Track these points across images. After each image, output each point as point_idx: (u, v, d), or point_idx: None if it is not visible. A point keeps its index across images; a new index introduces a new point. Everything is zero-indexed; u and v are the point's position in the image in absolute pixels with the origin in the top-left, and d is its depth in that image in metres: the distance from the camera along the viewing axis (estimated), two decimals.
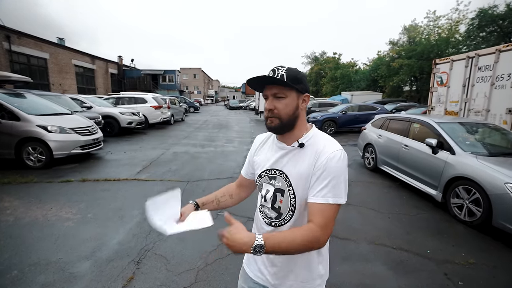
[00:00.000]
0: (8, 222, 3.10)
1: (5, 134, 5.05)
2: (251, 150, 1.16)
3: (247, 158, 1.19)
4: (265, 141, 1.11)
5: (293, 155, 0.96)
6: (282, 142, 1.00)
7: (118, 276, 2.26)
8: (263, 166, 1.03)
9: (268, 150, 1.06)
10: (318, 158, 0.90)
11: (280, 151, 1.00)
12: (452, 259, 2.65)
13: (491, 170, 3.21)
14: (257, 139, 1.16)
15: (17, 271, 2.26)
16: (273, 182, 1.00)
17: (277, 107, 0.92)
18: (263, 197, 1.03)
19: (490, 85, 5.93)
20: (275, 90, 0.92)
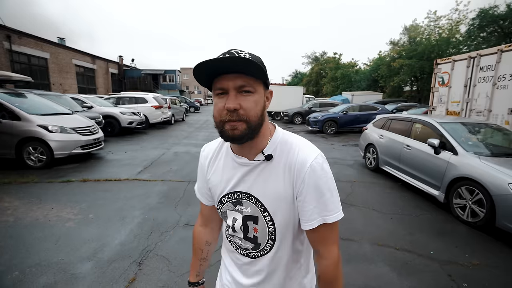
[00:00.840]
0: (9, 223, 3.08)
1: (6, 134, 5.03)
2: (202, 169, 0.88)
3: (200, 180, 0.89)
4: (215, 154, 0.84)
5: (260, 171, 0.74)
6: (241, 156, 0.76)
7: (119, 277, 2.24)
8: (222, 190, 0.80)
9: (223, 167, 0.81)
10: (297, 174, 0.71)
11: (241, 168, 0.76)
12: (455, 260, 2.63)
13: (494, 170, 3.19)
14: (204, 154, 0.88)
15: (18, 272, 2.24)
16: (239, 208, 0.79)
17: (243, 106, 0.66)
18: (230, 227, 0.82)
19: (492, 85, 5.91)
20: (241, 81, 0.65)
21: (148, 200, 3.88)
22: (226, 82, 0.66)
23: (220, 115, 0.67)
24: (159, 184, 4.57)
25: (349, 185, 4.82)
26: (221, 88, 0.67)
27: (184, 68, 51.17)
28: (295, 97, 17.95)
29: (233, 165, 0.78)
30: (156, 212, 3.48)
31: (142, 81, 29.05)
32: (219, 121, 0.68)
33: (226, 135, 0.69)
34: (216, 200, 0.83)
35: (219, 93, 0.68)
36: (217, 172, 0.82)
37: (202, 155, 0.89)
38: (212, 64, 0.63)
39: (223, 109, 0.66)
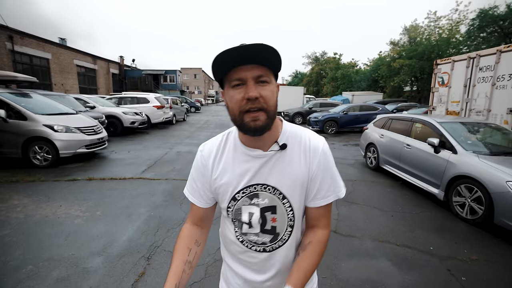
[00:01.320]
0: (19, 219, 3.16)
1: (12, 134, 5.11)
2: (203, 171, 0.83)
3: (197, 182, 0.85)
4: (220, 152, 0.82)
5: (275, 161, 0.77)
6: (255, 148, 0.77)
7: (129, 271, 2.32)
8: (235, 186, 0.79)
9: (233, 163, 0.79)
10: (313, 158, 0.78)
11: (257, 160, 0.77)
12: (455, 256, 2.71)
13: (492, 169, 3.27)
14: (205, 153, 0.84)
15: (32, 266, 2.32)
16: (255, 201, 0.79)
17: (263, 95, 0.67)
18: (245, 223, 0.81)
19: (491, 86, 5.99)
20: (258, 71, 0.67)
21: (153, 198, 3.96)
22: (244, 73, 0.66)
23: (239, 106, 0.68)
24: (163, 183, 4.65)
25: (350, 184, 4.90)
26: (239, 79, 0.67)
27: (184, 68, 51.28)
28: (295, 97, 18.04)
29: (245, 159, 0.78)
30: (161, 210, 3.56)
31: (143, 81, 29.13)
32: (238, 112, 0.69)
33: (248, 127, 0.70)
34: (227, 198, 0.80)
35: (235, 85, 0.68)
36: (227, 169, 0.79)
37: (201, 154, 0.84)
38: (234, 52, 0.63)
39: (242, 100, 0.67)
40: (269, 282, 0.86)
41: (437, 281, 2.33)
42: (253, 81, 0.67)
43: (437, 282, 2.32)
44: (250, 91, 0.66)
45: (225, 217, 0.87)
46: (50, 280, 2.16)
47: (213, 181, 0.81)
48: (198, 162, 0.85)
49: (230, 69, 0.67)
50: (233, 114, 0.71)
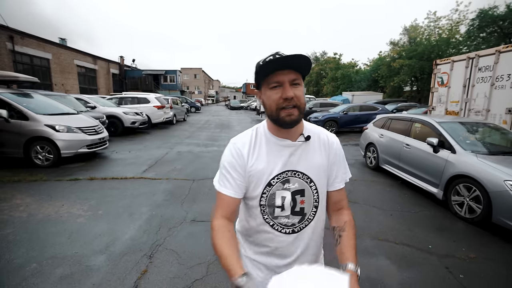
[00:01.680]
0: (22, 218, 3.19)
1: (14, 133, 5.15)
2: (239, 161, 0.90)
3: (232, 175, 0.89)
4: (253, 144, 0.92)
5: (302, 150, 0.91)
6: (285, 139, 0.90)
7: (132, 269, 2.35)
8: (270, 172, 0.89)
9: (267, 153, 0.90)
10: (329, 147, 0.96)
11: (286, 149, 0.90)
12: (453, 254, 2.74)
13: (490, 168, 3.30)
14: (238, 145, 0.92)
15: (36, 264, 2.35)
16: (287, 186, 0.90)
17: (296, 95, 0.81)
18: (278, 207, 0.91)
19: (490, 86, 6.02)
20: (293, 75, 0.81)
21: (154, 197, 3.99)
22: (282, 77, 0.81)
23: (276, 104, 0.82)
24: (164, 182, 4.68)
25: (350, 184, 4.92)
26: (277, 82, 0.81)
27: (184, 69, 51.30)
28: None
29: (277, 148, 0.90)
30: (163, 209, 3.59)
31: (143, 81, 29.17)
32: (275, 109, 0.83)
33: (283, 121, 0.83)
34: (262, 185, 0.89)
35: (274, 86, 0.82)
36: (261, 159, 0.89)
37: (235, 147, 0.91)
38: (276, 61, 0.79)
39: (279, 99, 0.82)
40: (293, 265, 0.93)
41: (436, 278, 2.37)
42: (289, 83, 0.81)
43: (435, 280, 2.35)
44: (287, 92, 0.80)
45: (252, 207, 0.94)
46: (54, 277, 2.19)
47: (249, 169, 0.89)
48: (232, 154, 0.91)
49: (270, 73, 0.81)
50: (270, 110, 0.85)
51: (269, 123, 0.93)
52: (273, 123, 0.88)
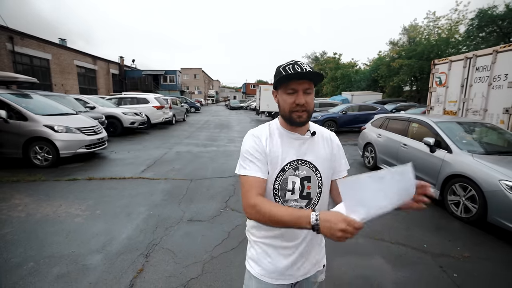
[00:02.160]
0: (21, 218, 3.21)
1: (13, 134, 5.17)
2: (260, 144, 1.03)
3: (257, 157, 1.01)
4: (269, 135, 1.06)
5: (309, 143, 1.07)
6: (295, 133, 1.06)
7: (128, 268, 2.37)
8: (283, 160, 1.02)
9: (281, 144, 1.05)
10: (331, 142, 1.13)
11: (296, 141, 1.06)
12: (448, 253, 2.76)
13: (486, 168, 3.32)
14: (256, 133, 1.06)
15: (33, 263, 2.37)
16: (297, 172, 1.04)
17: (307, 102, 0.98)
18: (289, 191, 1.03)
19: (488, 85, 6.03)
20: (307, 85, 0.97)
21: (152, 197, 4.01)
22: (297, 85, 0.97)
23: (290, 107, 0.99)
24: (163, 182, 4.71)
25: None
26: (293, 89, 0.98)
27: (184, 69, 51.33)
28: None
29: (289, 141, 1.05)
30: (160, 209, 3.62)
31: (143, 82, 29.21)
32: (288, 111, 1.00)
33: (294, 121, 1.01)
34: (278, 169, 1.02)
35: (290, 92, 0.99)
36: (276, 148, 1.03)
37: (254, 136, 1.06)
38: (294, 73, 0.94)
39: (293, 103, 0.98)
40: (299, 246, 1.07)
41: (429, 277, 2.39)
42: (302, 91, 0.97)
43: (429, 279, 2.37)
44: (300, 99, 0.97)
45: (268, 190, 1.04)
46: (51, 276, 2.21)
47: (268, 153, 1.03)
48: (252, 142, 1.04)
49: (288, 81, 0.97)
50: (284, 111, 1.02)
51: (281, 120, 1.09)
52: (285, 121, 1.05)
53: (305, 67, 0.95)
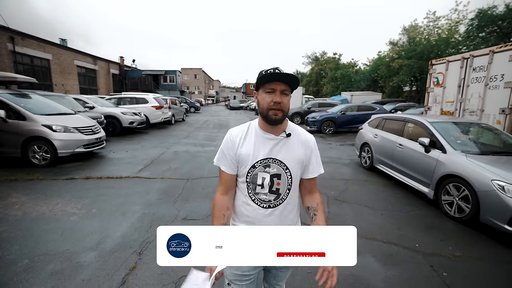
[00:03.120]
0: (17, 216, 3.25)
1: (12, 133, 5.21)
2: (232, 146, 1.18)
3: (226, 155, 1.19)
4: (244, 135, 1.19)
5: (283, 144, 1.17)
6: (270, 133, 1.16)
7: (121, 265, 2.40)
8: (255, 157, 1.15)
9: (254, 143, 1.17)
10: (308, 145, 1.21)
11: (271, 141, 1.16)
12: (439, 253, 2.78)
13: (479, 168, 3.33)
14: (233, 134, 1.20)
15: (28, 260, 2.41)
16: (268, 169, 1.16)
17: (283, 102, 1.09)
18: (259, 185, 1.17)
19: (484, 86, 6.05)
20: (284, 87, 1.08)
21: (148, 196, 4.05)
22: (276, 86, 1.08)
23: (268, 105, 1.09)
24: (159, 182, 4.74)
25: (343, 183, 4.97)
26: (272, 89, 1.09)
27: (184, 69, 51.41)
28: (294, 98, 17.98)
29: (263, 140, 1.16)
30: (155, 208, 3.65)
31: (143, 82, 29.28)
32: (266, 108, 1.10)
33: (270, 119, 1.10)
34: (248, 166, 1.15)
35: (268, 91, 1.10)
36: (249, 146, 1.16)
37: (231, 134, 1.20)
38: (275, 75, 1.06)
39: (271, 102, 1.09)
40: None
41: (419, 276, 2.41)
42: (279, 92, 1.08)
43: (419, 277, 2.39)
44: (277, 98, 1.08)
45: (241, 183, 1.21)
46: (45, 273, 2.25)
47: (238, 153, 1.16)
48: (228, 140, 1.20)
49: (268, 82, 1.09)
50: (262, 108, 1.12)
51: (260, 120, 1.19)
52: (263, 119, 1.15)
53: (283, 72, 1.07)
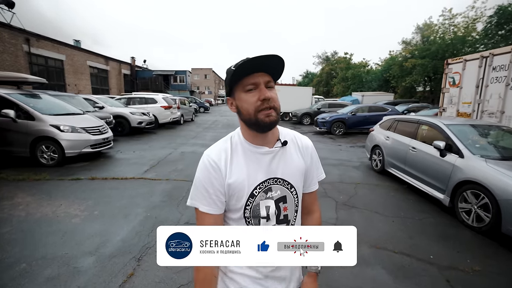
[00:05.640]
0: (20, 217, 3.25)
1: (21, 133, 5.29)
2: (215, 175, 0.83)
3: (208, 190, 0.83)
4: (229, 156, 0.86)
5: (280, 156, 0.89)
6: (262, 146, 0.87)
7: (119, 272, 2.33)
8: (252, 182, 0.85)
9: (246, 163, 0.86)
10: (306, 152, 0.95)
11: (265, 156, 0.87)
12: (456, 266, 2.58)
13: (500, 174, 3.10)
14: (214, 158, 0.85)
15: (26, 264, 2.37)
16: (270, 194, 0.87)
17: (272, 97, 0.80)
18: (263, 218, 0.87)
19: (505, 86, 5.71)
20: (268, 78, 0.81)
21: (151, 198, 3.99)
22: (257, 79, 0.79)
23: (255, 106, 0.80)
24: (164, 183, 4.68)
25: (353, 187, 4.78)
26: (254, 83, 0.79)
27: (194, 69, 51.81)
28: (304, 98, 17.87)
29: (255, 157, 0.86)
30: (158, 210, 3.58)
31: (153, 82, 29.63)
32: (254, 112, 0.80)
33: (263, 123, 0.80)
34: (245, 196, 0.84)
35: (249, 89, 0.80)
36: (240, 169, 0.84)
37: (211, 159, 0.85)
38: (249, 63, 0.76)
39: (257, 101, 0.79)
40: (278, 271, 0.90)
41: None
42: (264, 85, 0.80)
43: None
44: (265, 93, 0.79)
45: (236, 220, 0.88)
46: (41, 278, 2.20)
47: (228, 182, 0.83)
48: (207, 167, 0.84)
49: (244, 76, 0.79)
50: (248, 114, 0.81)
51: (244, 130, 0.88)
52: (251, 128, 0.84)
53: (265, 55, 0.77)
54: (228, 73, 0.82)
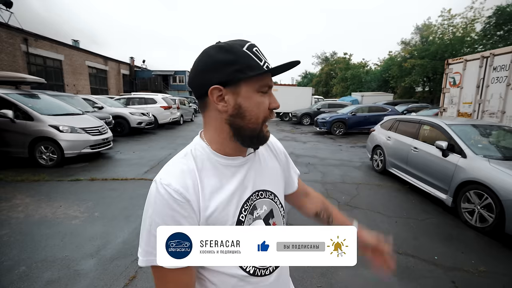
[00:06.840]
0: (19, 219, 3.20)
1: (19, 134, 5.24)
2: (182, 209, 0.59)
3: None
4: (197, 181, 0.62)
5: (255, 163, 0.74)
6: (236, 156, 0.69)
7: (120, 274, 2.29)
8: (236, 206, 0.66)
9: (221, 183, 0.66)
10: (278, 151, 0.84)
11: (240, 168, 0.70)
12: (461, 267, 2.56)
13: (504, 174, 3.08)
14: (176, 188, 0.59)
15: (25, 267, 2.33)
16: (256, 214, 0.71)
17: None
18: None
19: (506, 86, 5.71)
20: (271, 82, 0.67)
21: None
22: (271, 81, 0.66)
23: (265, 114, 0.65)
24: None
25: (355, 188, 4.76)
26: (269, 86, 0.65)
27: None
28: (303, 98, 17.86)
29: (230, 171, 0.68)
30: None
31: (153, 82, 29.54)
32: (262, 121, 0.64)
33: (265, 138, 0.68)
34: (229, 225, 0.65)
35: (265, 91, 0.64)
36: (217, 192, 0.64)
37: (172, 191, 0.58)
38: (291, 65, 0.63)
39: (267, 109, 0.65)
40: None
41: None
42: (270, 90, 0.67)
43: None
44: (276, 102, 0.65)
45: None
46: (41, 282, 2.16)
47: (204, 216, 0.62)
48: (168, 203, 0.58)
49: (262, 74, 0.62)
50: (256, 122, 0.63)
51: (218, 139, 0.67)
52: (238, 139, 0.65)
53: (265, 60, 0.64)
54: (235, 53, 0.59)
